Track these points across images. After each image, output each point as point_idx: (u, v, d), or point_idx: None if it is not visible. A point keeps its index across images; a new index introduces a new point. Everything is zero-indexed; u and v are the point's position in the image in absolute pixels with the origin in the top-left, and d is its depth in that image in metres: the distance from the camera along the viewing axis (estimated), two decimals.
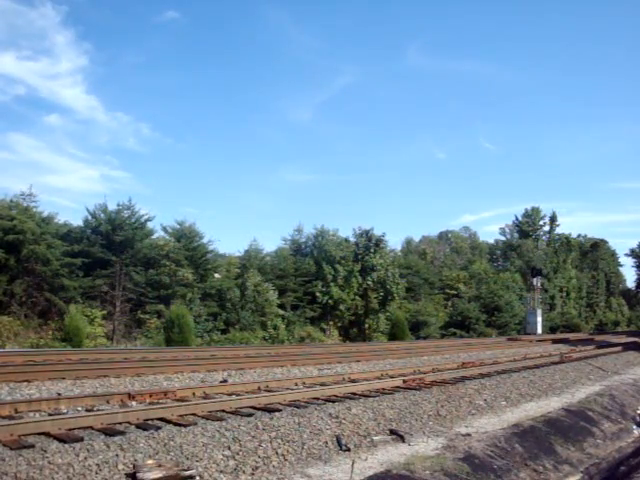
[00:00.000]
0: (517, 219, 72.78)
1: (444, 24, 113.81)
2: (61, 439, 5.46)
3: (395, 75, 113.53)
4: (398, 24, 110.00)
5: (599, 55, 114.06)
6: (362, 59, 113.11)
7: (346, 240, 41.42)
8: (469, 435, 7.66)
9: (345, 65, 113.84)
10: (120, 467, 4.95)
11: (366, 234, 40.85)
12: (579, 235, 73.67)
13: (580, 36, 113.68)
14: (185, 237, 32.13)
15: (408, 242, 64.71)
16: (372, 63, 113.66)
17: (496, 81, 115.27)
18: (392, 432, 7.38)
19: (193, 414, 7.05)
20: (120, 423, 6.35)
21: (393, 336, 34.97)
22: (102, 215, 29.26)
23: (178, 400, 8.05)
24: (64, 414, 6.76)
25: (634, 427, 10.93)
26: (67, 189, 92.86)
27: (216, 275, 33.11)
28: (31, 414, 6.82)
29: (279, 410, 7.46)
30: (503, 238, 73.45)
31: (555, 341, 29.38)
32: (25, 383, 9.09)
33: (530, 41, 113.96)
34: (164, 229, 32.53)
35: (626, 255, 76.11)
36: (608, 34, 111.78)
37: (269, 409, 7.55)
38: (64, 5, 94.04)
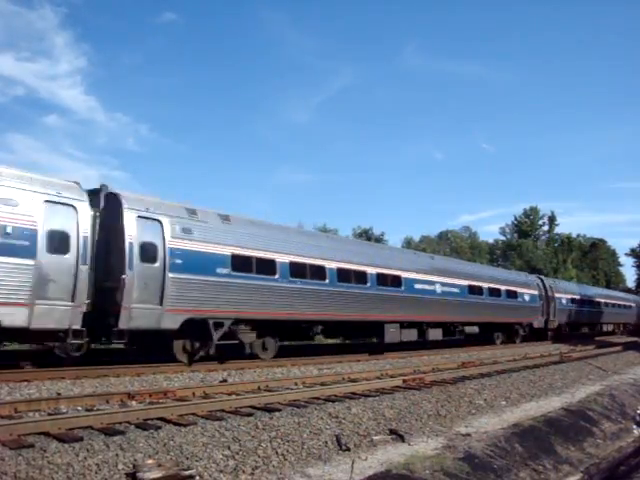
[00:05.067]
0: (516, 219, 72.83)
1: (440, 25, 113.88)
2: (61, 439, 5.46)
3: (392, 76, 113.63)
4: (395, 25, 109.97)
5: (597, 56, 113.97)
6: (359, 60, 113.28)
7: None
8: (469, 435, 7.65)
9: (343, 66, 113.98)
10: (120, 467, 4.94)
11: (365, 233, 40.90)
12: (578, 235, 73.75)
13: (578, 37, 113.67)
14: None
15: (408, 242, 64.62)
16: (369, 64, 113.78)
17: (493, 82, 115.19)
18: (392, 432, 7.37)
19: (193, 414, 7.04)
20: (120, 423, 6.34)
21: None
22: None
23: (178, 400, 8.05)
24: (64, 414, 6.75)
25: (634, 427, 10.92)
26: None
27: None
28: (31, 414, 6.81)
29: (279, 410, 7.46)
30: (503, 238, 73.52)
31: (555, 340, 29.37)
32: (25, 383, 9.08)
33: (528, 42, 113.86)
34: None
35: (626, 255, 76.24)
36: (606, 36, 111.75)
37: (269, 409, 7.54)
38: (63, 7, 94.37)
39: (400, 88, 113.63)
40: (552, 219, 72.09)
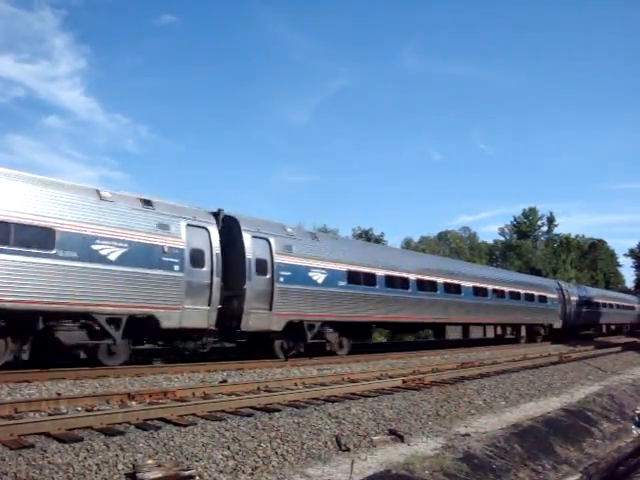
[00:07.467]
0: (515, 220, 72.86)
1: (438, 26, 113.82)
2: (61, 439, 5.47)
3: (391, 77, 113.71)
4: (393, 26, 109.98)
5: (595, 57, 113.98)
6: (358, 61, 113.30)
7: None
8: (468, 435, 7.66)
9: (341, 67, 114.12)
10: (120, 467, 4.95)
11: (365, 234, 40.88)
12: (577, 235, 73.77)
13: (576, 39, 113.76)
14: None
15: (407, 242, 64.61)
16: (368, 65, 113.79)
17: (492, 83, 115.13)
18: (391, 432, 7.38)
19: (193, 414, 7.06)
20: (120, 423, 6.36)
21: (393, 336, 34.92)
22: None
23: (178, 400, 8.06)
24: (64, 414, 6.77)
25: (633, 427, 10.94)
26: None
27: None
28: (31, 414, 6.83)
29: (279, 410, 7.47)
30: (502, 238, 73.52)
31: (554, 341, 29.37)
32: (25, 383, 9.09)
33: (526, 43, 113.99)
34: None
35: (625, 255, 76.31)
36: (604, 37, 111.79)
37: (269, 409, 7.56)
38: (62, 9, 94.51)
39: (398, 89, 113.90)
40: (551, 220, 72.18)
